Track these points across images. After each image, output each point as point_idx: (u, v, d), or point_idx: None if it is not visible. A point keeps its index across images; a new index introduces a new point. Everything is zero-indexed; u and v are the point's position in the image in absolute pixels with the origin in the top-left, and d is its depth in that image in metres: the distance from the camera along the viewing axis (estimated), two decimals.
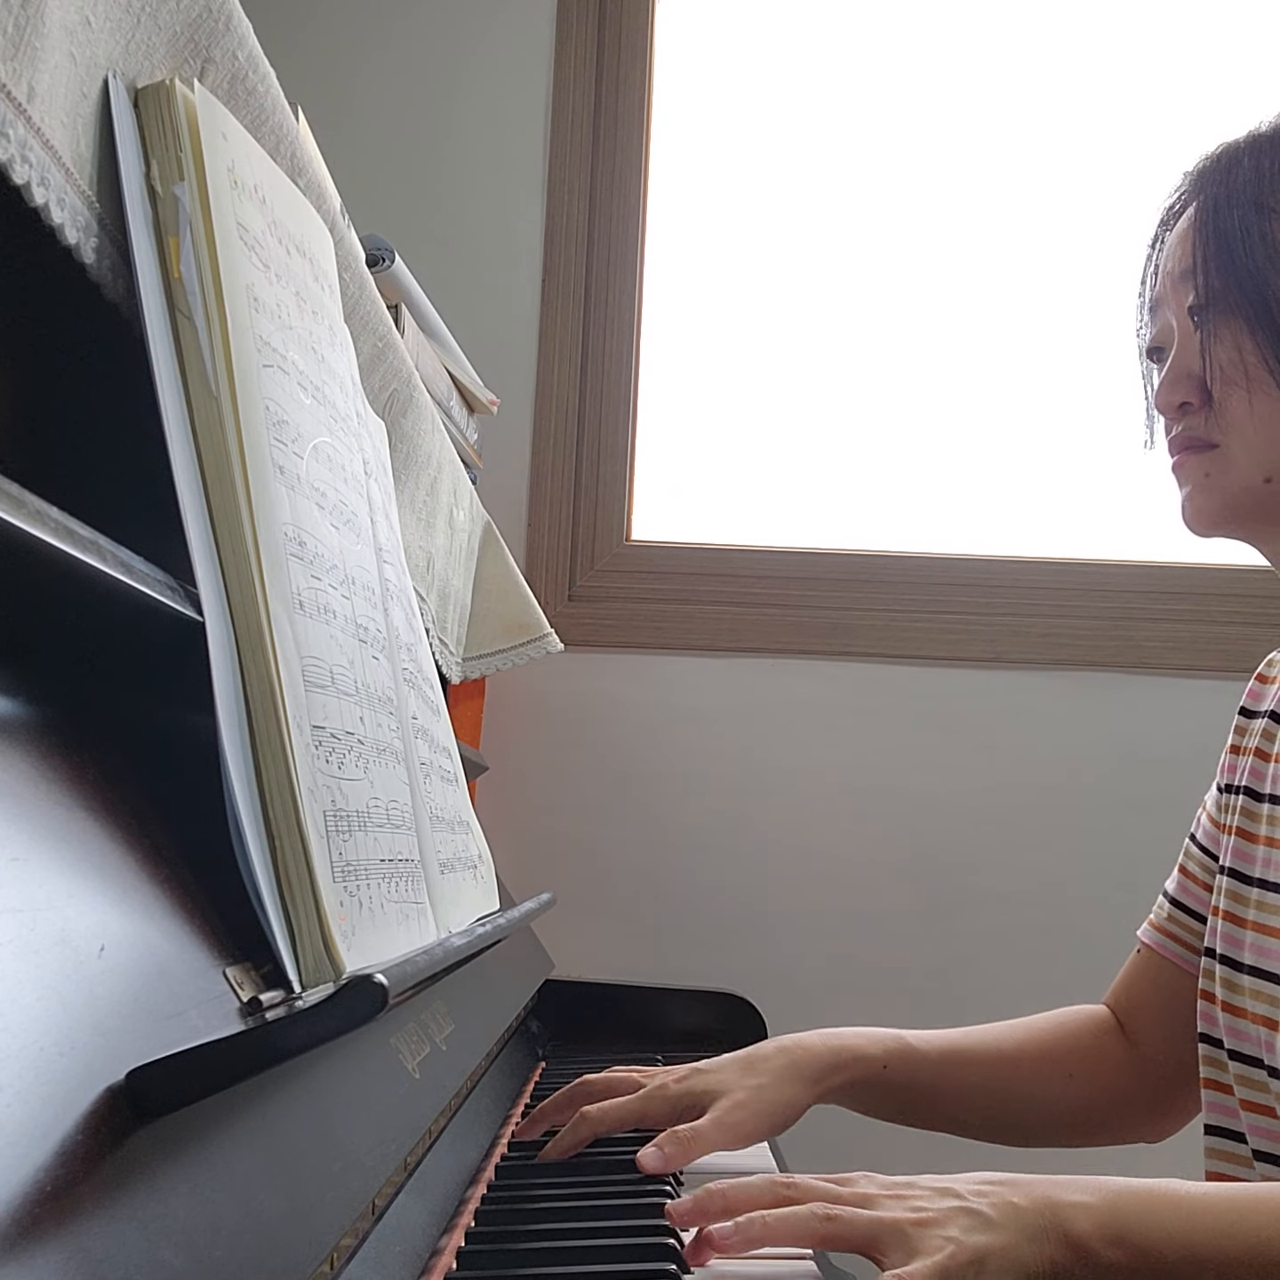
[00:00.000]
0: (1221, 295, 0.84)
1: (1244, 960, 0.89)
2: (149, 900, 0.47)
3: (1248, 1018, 0.88)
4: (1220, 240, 0.84)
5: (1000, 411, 1.85)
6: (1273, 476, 0.83)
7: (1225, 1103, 0.92)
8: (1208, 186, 0.87)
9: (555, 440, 1.81)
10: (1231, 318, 0.84)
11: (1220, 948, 0.92)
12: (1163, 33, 1.87)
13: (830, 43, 1.91)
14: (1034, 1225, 0.60)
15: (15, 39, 0.45)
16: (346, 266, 0.82)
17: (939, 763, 1.74)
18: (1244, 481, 0.84)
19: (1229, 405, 0.84)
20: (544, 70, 1.85)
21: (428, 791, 0.75)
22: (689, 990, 1.34)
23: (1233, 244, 0.83)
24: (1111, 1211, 0.61)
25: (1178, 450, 0.88)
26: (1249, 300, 0.82)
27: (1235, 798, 0.95)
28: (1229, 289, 0.84)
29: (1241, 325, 0.83)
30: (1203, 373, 0.85)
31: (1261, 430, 0.83)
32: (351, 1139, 0.54)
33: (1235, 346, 0.83)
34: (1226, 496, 0.85)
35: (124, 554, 0.48)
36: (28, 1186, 0.33)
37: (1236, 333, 0.83)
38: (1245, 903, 0.91)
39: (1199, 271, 0.85)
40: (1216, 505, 0.86)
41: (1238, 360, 0.83)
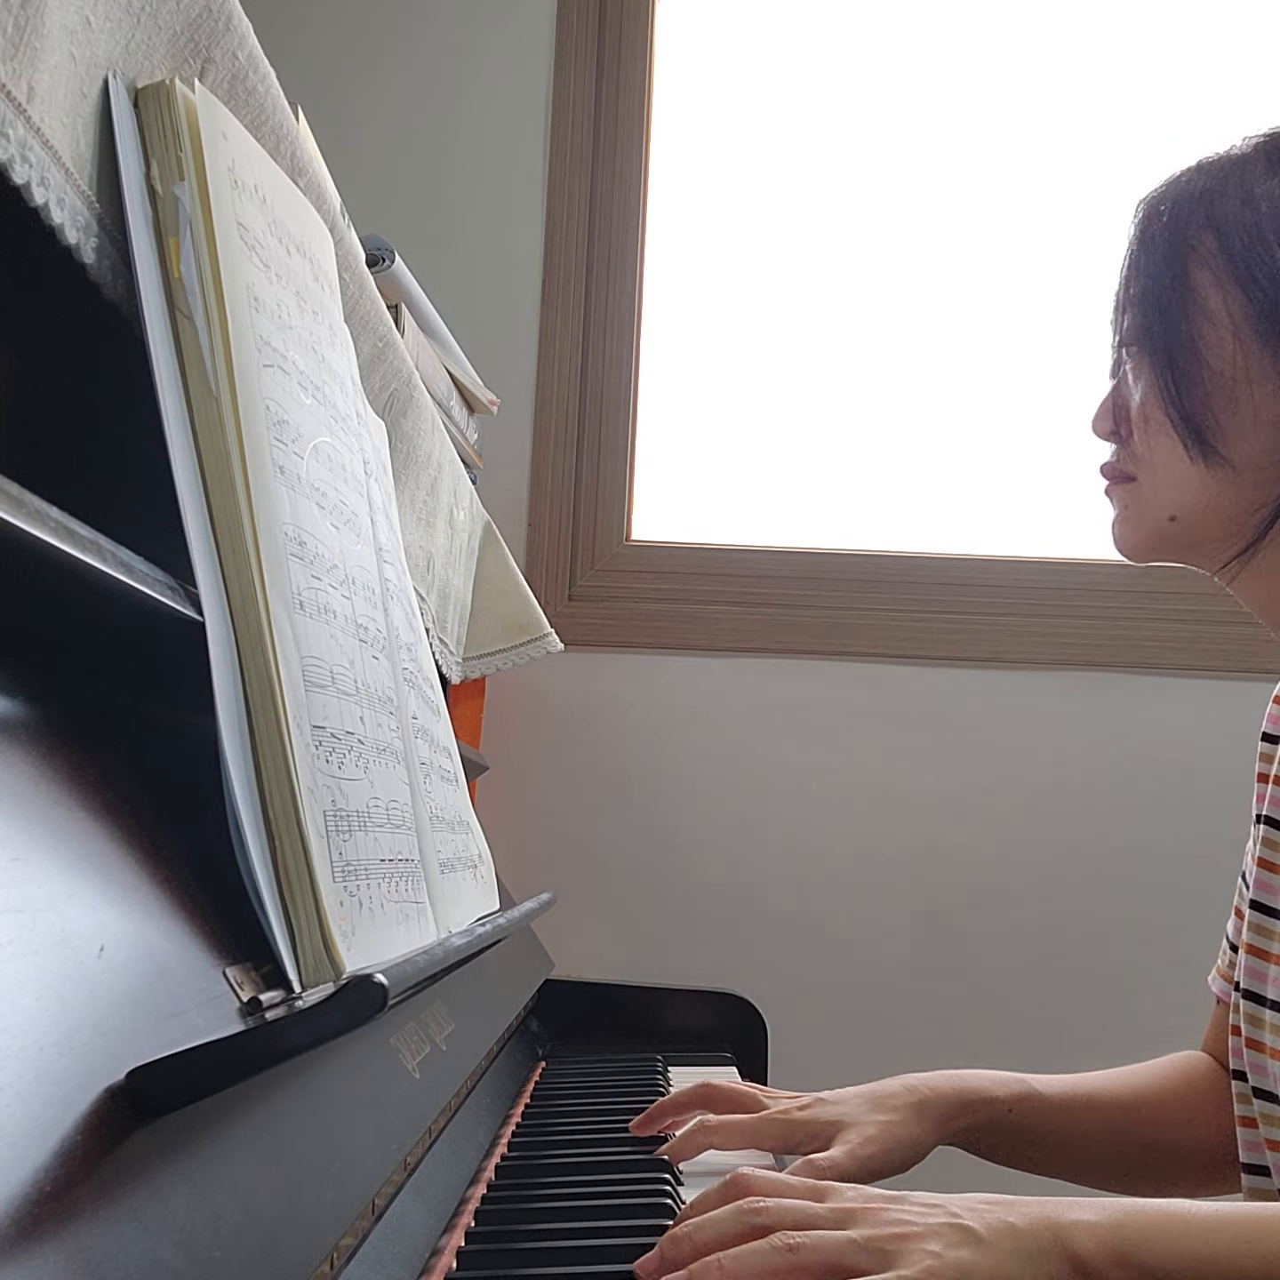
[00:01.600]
0: (1133, 334, 0.84)
1: (1267, 994, 0.87)
2: (149, 900, 0.47)
3: (1267, 1052, 0.86)
4: (1141, 276, 0.84)
5: (1000, 411, 1.85)
6: (1176, 515, 0.84)
7: (1255, 1139, 0.90)
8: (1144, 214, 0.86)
9: (555, 440, 1.81)
10: (1143, 357, 0.84)
11: (1245, 982, 0.90)
12: (1161, 32, 1.87)
13: (830, 43, 1.91)
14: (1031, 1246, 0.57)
15: (15, 39, 0.45)
16: (346, 266, 0.82)
17: (939, 763, 1.74)
18: (1151, 516, 0.85)
19: (1137, 443, 0.85)
20: (544, 70, 1.85)
21: (428, 791, 0.75)
22: (689, 990, 1.34)
23: (1151, 280, 0.83)
24: (1117, 1230, 0.58)
25: (1105, 477, 0.89)
26: (1155, 341, 0.82)
27: (1259, 828, 0.94)
28: (1141, 326, 0.83)
29: (1148, 365, 0.83)
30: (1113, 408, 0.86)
31: (1161, 470, 0.83)
32: (351, 1139, 0.54)
33: (1142, 386, 0.84)
34: (1140, 530, 0.86)
35: (124, 554, 0.48)
36: (28, 1186, 0.33)
37: (1144, 372, 0.83)
38: (1270, 936, 0.89)
39: (1122, 306, 0.85)
40: (1133, 537, 0.87)
41: (1140, 401, 0.84)
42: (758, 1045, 1.29)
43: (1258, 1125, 0.89)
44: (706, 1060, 1.22)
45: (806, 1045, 1.52)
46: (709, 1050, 1.27)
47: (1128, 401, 0.86)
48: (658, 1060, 1.16)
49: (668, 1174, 0.79)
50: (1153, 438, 0.83)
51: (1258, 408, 0.79)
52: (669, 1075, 1.13)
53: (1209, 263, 0.81)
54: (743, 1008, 1.31)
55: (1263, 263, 0.79)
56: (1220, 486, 0.81)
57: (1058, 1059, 1.10)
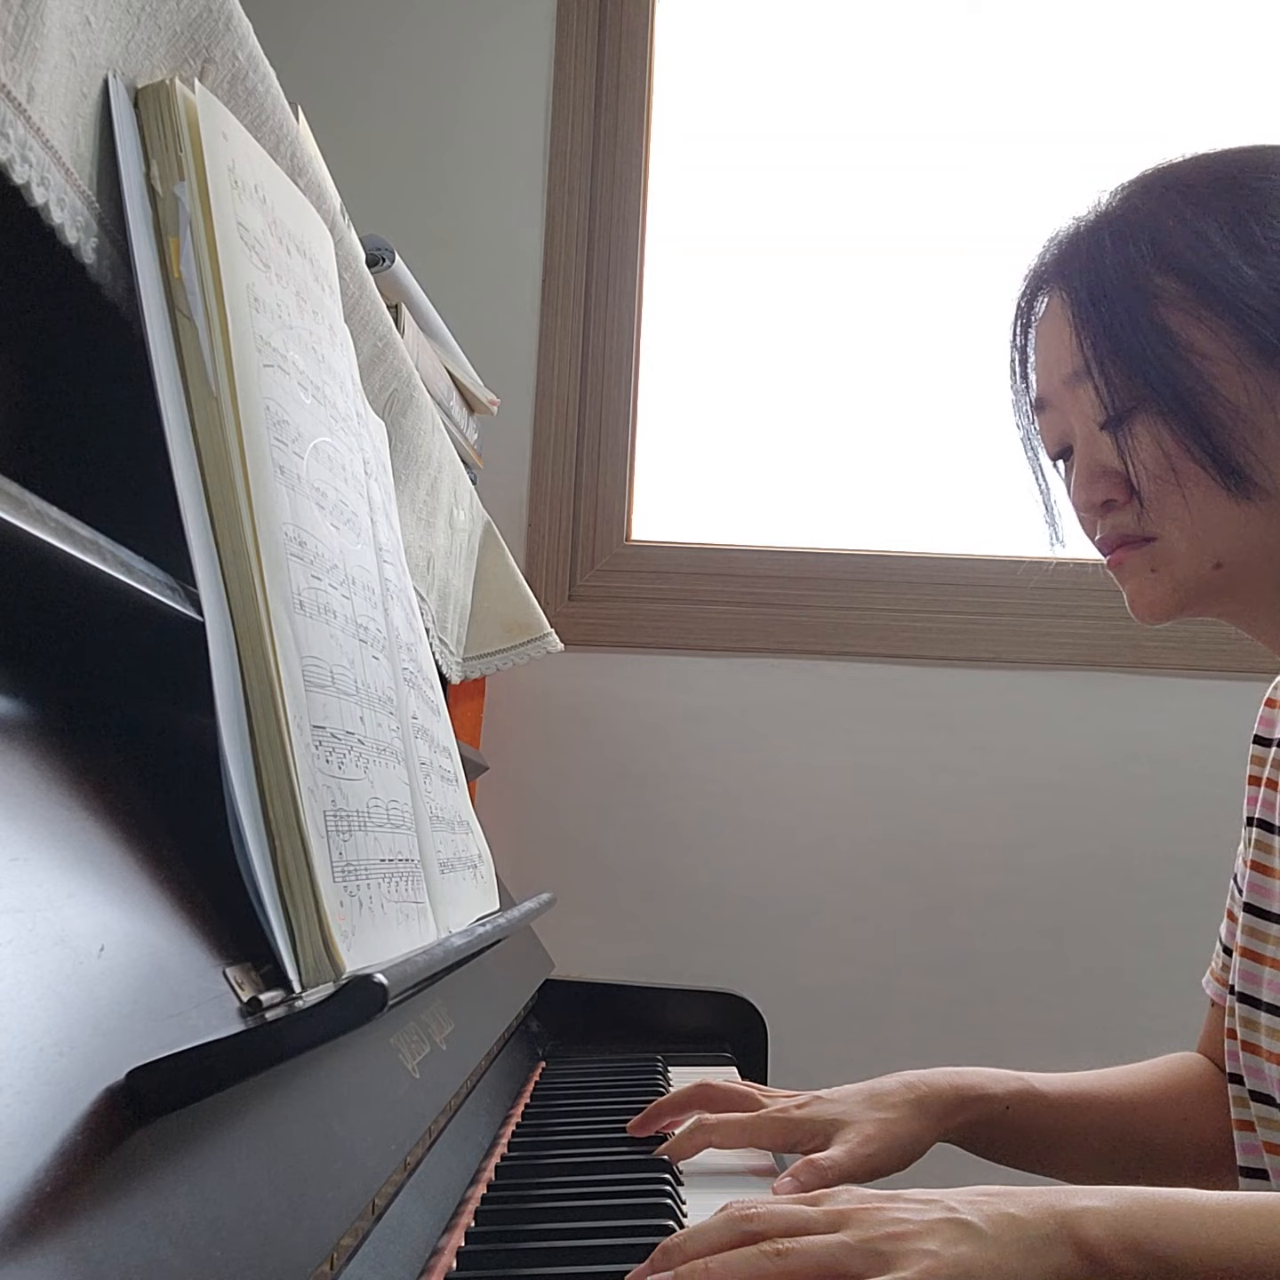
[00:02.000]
0: (1127, 393, 0.81)
1: (1262, 998, 0.87)
2: (149, 900, 0.47)
3: (1263, 1055, 0.86)
4: (1111, 338, 0.81)
5: (1000, 411, 1.85)
6: (1222, 561, 0.81)
7: (1253, 1143, 0.90)
8: (1071, 276, 0.84)
9: (555, 440, 1.81)
10: (1143, 414, 0.81)
11: (1239, 985, 0.90)
12: (1159, 37, 1.87)
13: (830, 42, 1.91)
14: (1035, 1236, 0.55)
15: (15, 39, 0.45)
16: (346, 266, 0.82)
17: (939, 762, 1.74)
18: (1193, 569, 0.82)
19: (1162, 500, 0.81)
20: (544, 70, 1.85)
21: (428, 791, 0.75)
22: (689, 990, 1.34)
23: (1124, 339, 0.80)
24: (1126, 1217, 0.56)
25: (1112, 548, 0.85)
26: (1158, 394, 0.80)
27: (1252, 830, 0.94)
28: (1134, 385, 0.81)
29: (1156, 420, 0.80)
30: (1126, 473, 0.82)
31: (1199, 519, 0.80)
32: (351, 1139, 0.54)
33: (1155, 443, 0.80)
34: (1177, 586, 0.83)
35: (124, 554, 0.48)
36: (28, 1186, 0.33)
37: (1152, 428, 0.80)
38: (1264, 939, 0.89)
39: (1095, 373, 0.82)
40: (1167, 596, 0.84)
41: (1161, 456, 0.80)
42: (758, 1045, 1.29)
43: (1255, 1129, 0.89)
44: (706, 1060, 1.22)
45: (806, 1045, 1.52)
46: (709, 1050, 1.27)
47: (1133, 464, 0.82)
48: (658, 1060, 1.16)
49: (667, 1174, 0.79)
50: (1187, 488, 0.80)
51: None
52: (669, 1075, 1.13)
53: (1179, 305, 0.79)
54: (743, 1008, 1.31)
55: (1245, 289, 0.78)
56: (1265, 520, 0.80)
57: (1058, 1058, 1.10)
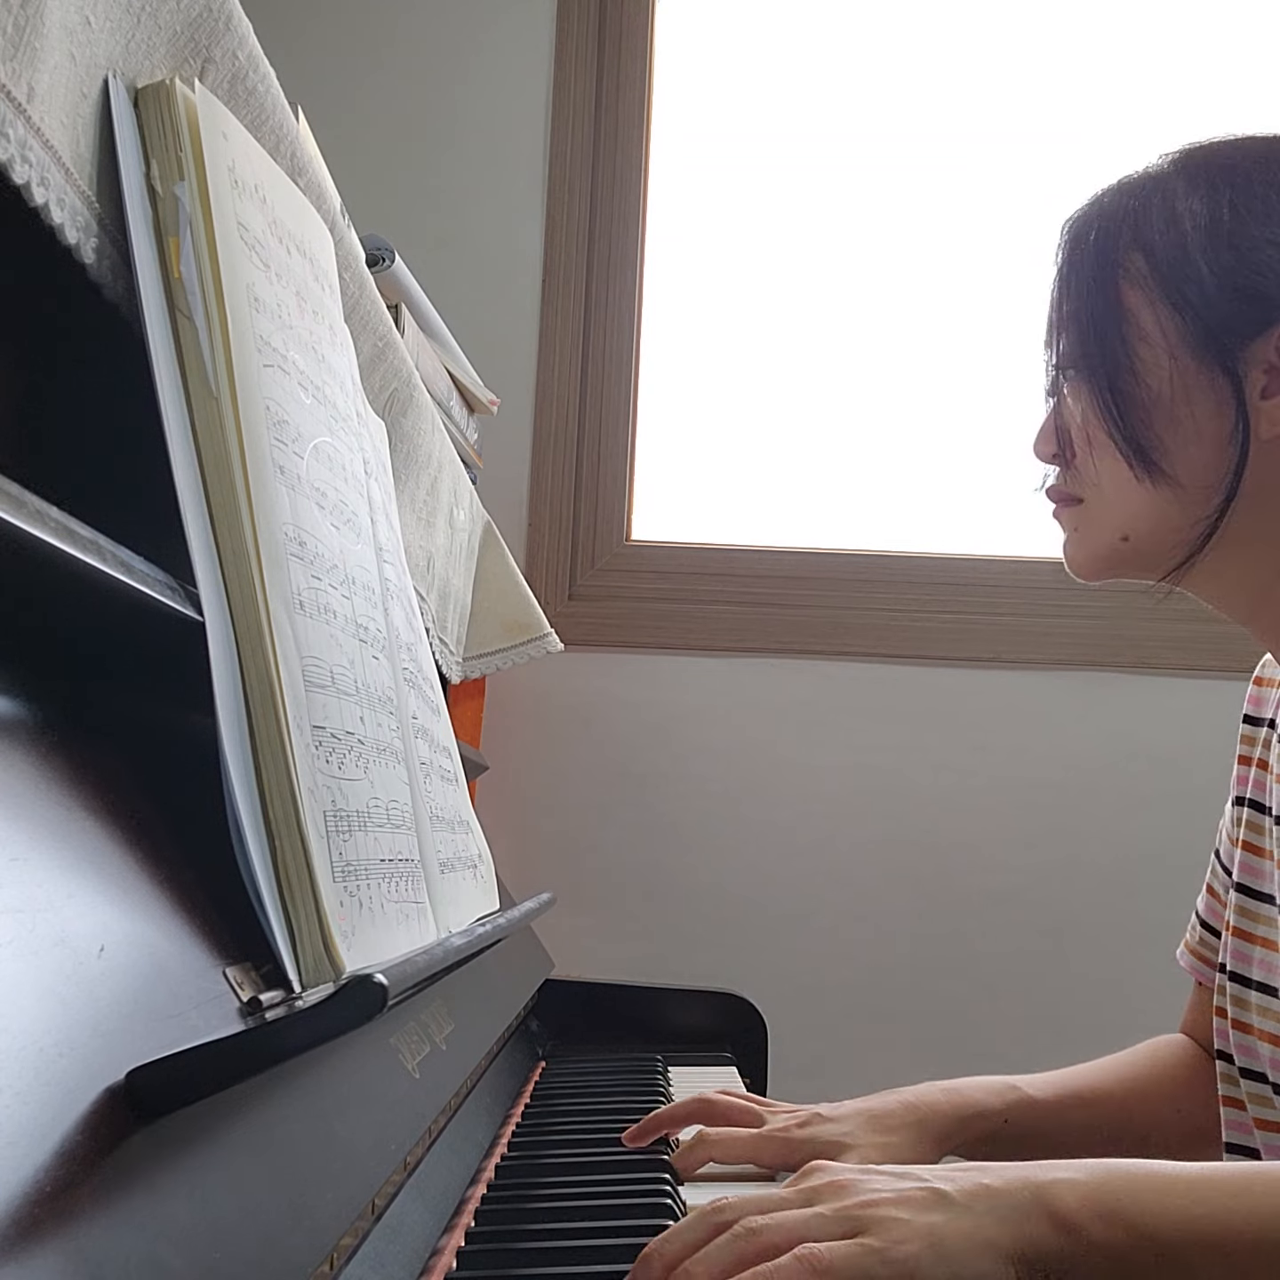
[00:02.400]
0: (1067, 355, 0.84)
1: (1252, 976, 0.88)
2: (149, 900, 0.47)
3: (1254, 1034, 0.87)
4: (1073, 300, 0.84)
5: (1000, 411, 1.85)
6: (1128, 535, 0.84)
7: (1241, 1120, 0.91)
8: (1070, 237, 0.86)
9: (555, 440, 1.81)
10: (1080, 379, 0.83)
11: (1230, 964, 0.91)
12: (1159, 39, 1.87)
13: (830, 42, 1.91)
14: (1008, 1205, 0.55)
15: (15, 39, 0.45)
16: (346, 266, 0.82)
17: (939, 762, 1.74)
18: (1104, 538, 0.85)
19: (1082, 465, 0.84)
20: (544, 70, 1.85)
21: (428, 791, 0.75)
22: (689, 990, 1.34)
23: (1082, 304, 0.83)
24: (1101, 1186, 0.56)
25: (1051, 500, 0.89)
26: (1090, 364, 0.82)
27: (1242, 810, 0.94)
28: (1074, 350, 0.83)
29: (1084, 388, 0.83)
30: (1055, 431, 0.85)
31: (1109, 490, 0.83)
32: (351, 1139, 0.54)
33: (1079, 409, 0.83)
34: (1092, 551, 0.86)
35: (124, 554, 0.48)
36: (28, 1187, 0.33)
37: (1080, 395, 0.83)
38: (1254, 918, 0.90)
39: (1055, 329, 0.85)
40: (1085, 559, 0.87)
41: (1081, 424, 0.83)
42: (758, 1045, 1.29)
43: (1245, 1106, 0.89)
44: (706, 1060, 1.22)
45: (806, 1045, 1.52)
46: (709, 1050, 1.26)
47: (1069, 423, 0.85)
48: (658, 1060, 1.16)
49: (667, 1174, 0.79)
50: (1098, 459, 0.83)
51: (1198, 424, 0.79)
52: (669, 1075, 1.13)
53: (1140, 283, 0.81)
54: (743, 1008, 1.31)
55: (1191, 281, 0.79)
56: (1168, 504, 0.81)
57: (1058, 1058, 1.09)
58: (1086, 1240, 0.54)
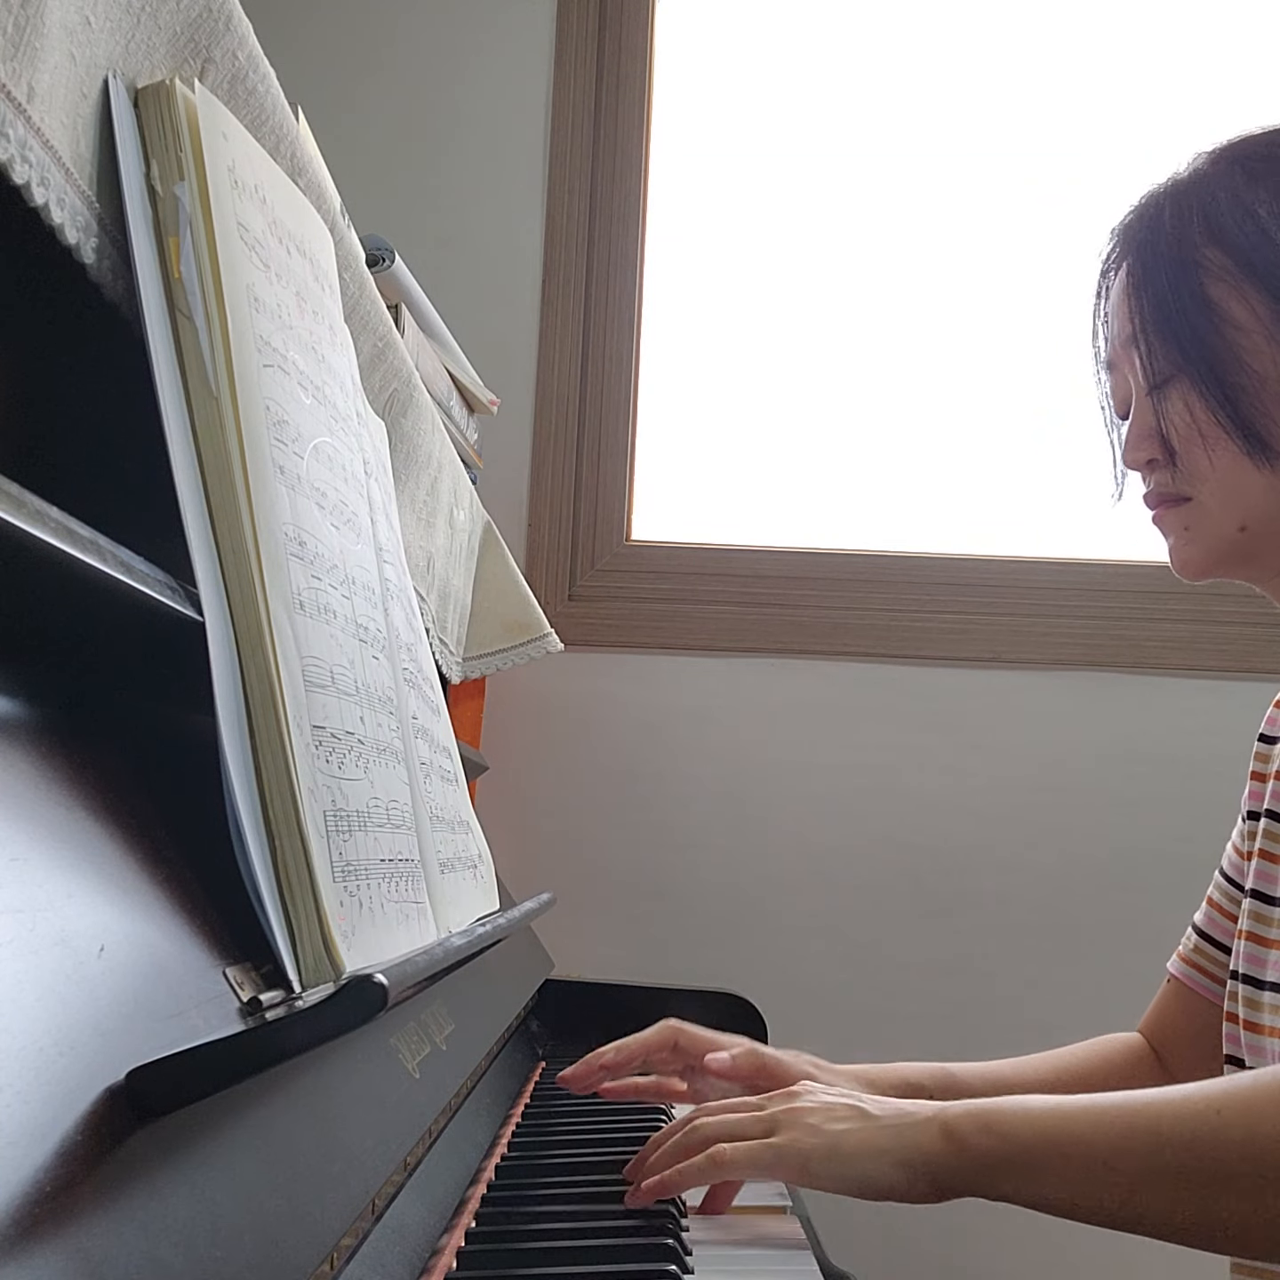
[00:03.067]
0: (1164, 359, 0.86)
1: (1266, 978, 0.90)
2: (149, 900, 0.47)
3: (1265, 1032, 0.88)
4: (1156, 306, 0.86)
5: (1000, 411, 1.85)
6: (1247, 524, 0.85)
7: None
8: (1135, 244, 0.88)
9: (555, 440, 1.81)
10: (1178, 379, 0.85)
11: (1243, 968, 0.92)
12: (1160, 41, 1.87)
13: (830, 42, 1.91)
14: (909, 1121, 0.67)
15: (15, 39, 0.45)
16: (346, 266, 0.82)
17: (939, 762, 1.74)
18: (1221, 531, 0.87)
19: (1192, 461, 0.86)
20: (544, 70, 1.85)
21: (428, 791, 0.75)
22: (689, 990, 1.34)
23: (1167, 307, 0.85)
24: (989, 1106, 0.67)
25: (1154, 505, 0.90)
26: (1190, 363, 0.84)
27: (1257, 823, 0.96)
28: (1171, 353, 0.85)
29: (1188, 387, 0.85)
30: (1160, 432, 0.87)
31: (1227, 482, 0.85)
32: (351, 1139, 0.54)
33: (1186, 408, 0.85)
34: (1207, 546, 0.88)
35: (124, 554, 0.48)
36: (28, 1186, 0.33)
37: (1185, 394, 0.85)
38: (1269, 922, 0.91)
39: (1140, 338, 0.87)
40: (1200, 555, 0.89)
41: (1190, 421, 0.85)
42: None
43: None
44: None
45: (806, 1046, 1.52)
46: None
47: (1171, 425, 0.86)
48: None
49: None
50: (1213, 453, 0.84)
51: None
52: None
53: (1223, 277, 0.83)
54: (743, 1008, 1.31)
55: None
56: None
57: None
58: (965, 1146, 0.66)
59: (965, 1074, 0.98)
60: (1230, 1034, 0.94)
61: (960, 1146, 0.66)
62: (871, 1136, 0.66)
